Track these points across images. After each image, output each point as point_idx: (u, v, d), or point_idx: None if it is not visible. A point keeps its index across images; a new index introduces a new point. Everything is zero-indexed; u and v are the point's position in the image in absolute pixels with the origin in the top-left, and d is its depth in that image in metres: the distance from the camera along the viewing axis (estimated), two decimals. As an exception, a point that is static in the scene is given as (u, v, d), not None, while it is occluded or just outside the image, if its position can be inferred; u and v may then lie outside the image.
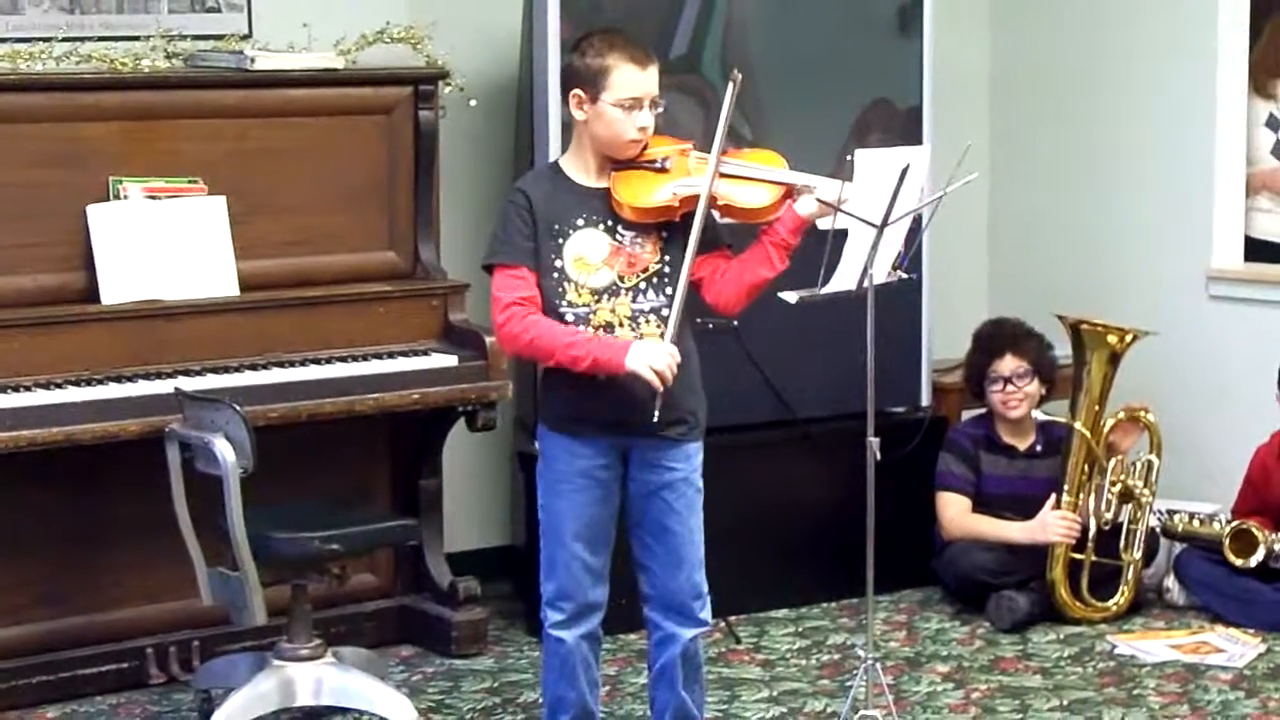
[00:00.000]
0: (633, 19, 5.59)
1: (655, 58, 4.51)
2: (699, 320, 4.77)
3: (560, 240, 4.48)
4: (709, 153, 4.47)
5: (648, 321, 4.48)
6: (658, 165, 4.50)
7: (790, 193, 4.51)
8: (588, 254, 4.48)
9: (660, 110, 4.51)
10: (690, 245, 4.42)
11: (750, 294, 4.56)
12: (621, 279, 4.48)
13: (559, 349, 4.42)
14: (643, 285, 4.48)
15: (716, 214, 4.53)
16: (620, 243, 4.49)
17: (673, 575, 4.60)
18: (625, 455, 4.56)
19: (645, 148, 4.51)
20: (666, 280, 4.49)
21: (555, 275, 4.47)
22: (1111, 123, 6.90)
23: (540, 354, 4.49)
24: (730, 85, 4.48)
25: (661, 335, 4.44)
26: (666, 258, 4.49)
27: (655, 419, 4.40)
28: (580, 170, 4.54)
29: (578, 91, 4.47)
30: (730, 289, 4.54)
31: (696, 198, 4.43)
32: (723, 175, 4.48)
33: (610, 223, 4.49)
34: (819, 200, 4.48)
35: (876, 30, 6.29)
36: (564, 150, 4.69)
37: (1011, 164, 7.11)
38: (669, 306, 4.46)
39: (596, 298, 4.47)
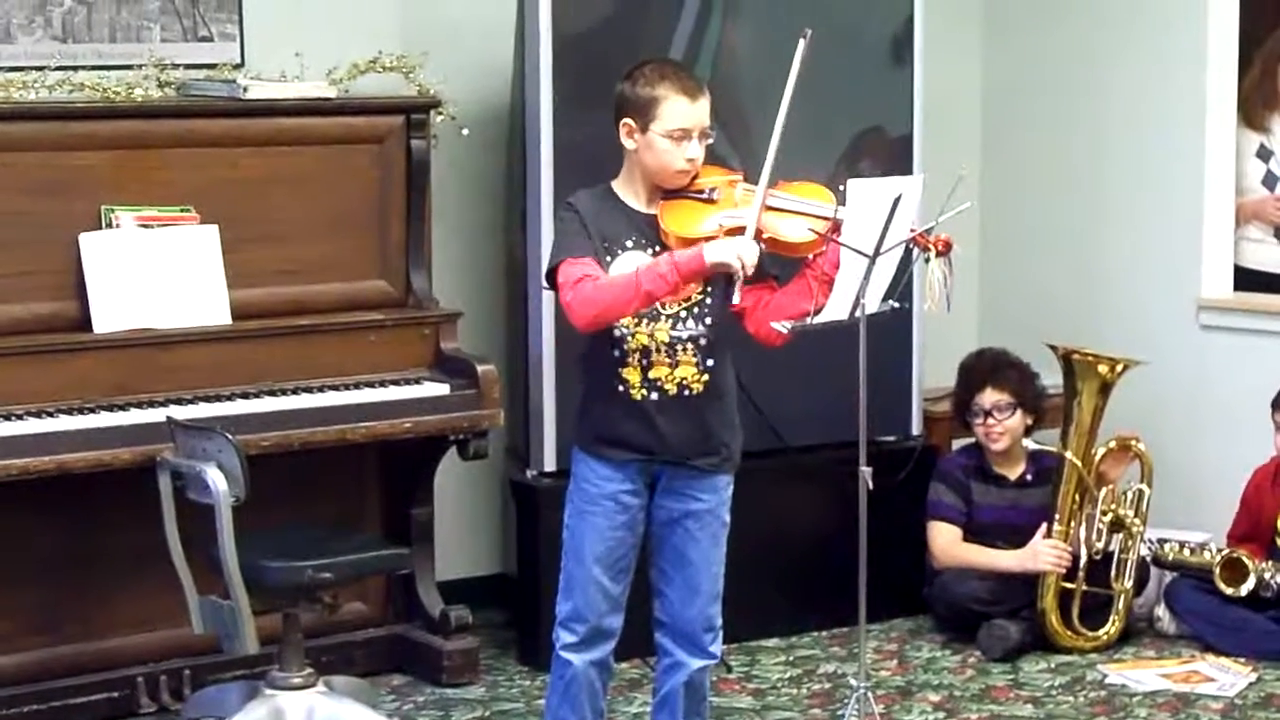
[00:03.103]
0: (623, 48, 5.58)
1: (706, 90, 4.51)
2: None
3: (609, 258, 4.47)
4: (757, 185, 4.47)
5: (685, 349, 4.48)
6: (705, 195, 4.50)
7: (836, 228, 4.49)
8: None
9: (710, 141, 4.52)
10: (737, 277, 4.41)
11: None
12: (663, 305, 4.47)
13: (640, 280, 4.33)
14: (683, 314, 4.48)
15: (761, 246, 4.51)
16: None
17: (687, 605, 4.61)
18: (653, 483, 4.57)
19: (694, 177, 4.51)
20: (707, 310, 4.49)
21: None
22: (1101, 152, 6.92)
23: (621, 302, 4.36)
24: (801, 42, 4.46)
25: (698, 364, 4.46)
26: (709, 288, 4.49)
27: (737, 300, 4.36)
28: (631, 196, 4.54)
29: (628, 120, 4.47)
30: (771, 321, 4.52)
31: (742, 229, 4.42)
32: (769, 208, 4.48)
33: (658, 248, 4.48)
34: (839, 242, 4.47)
35: (868, 59, 6.30)
36: (553, 175, 4.64)
37: (1002, 193, 7.12)
38: (707, 337, 4.47)
39: (636, 320, 4.46)
